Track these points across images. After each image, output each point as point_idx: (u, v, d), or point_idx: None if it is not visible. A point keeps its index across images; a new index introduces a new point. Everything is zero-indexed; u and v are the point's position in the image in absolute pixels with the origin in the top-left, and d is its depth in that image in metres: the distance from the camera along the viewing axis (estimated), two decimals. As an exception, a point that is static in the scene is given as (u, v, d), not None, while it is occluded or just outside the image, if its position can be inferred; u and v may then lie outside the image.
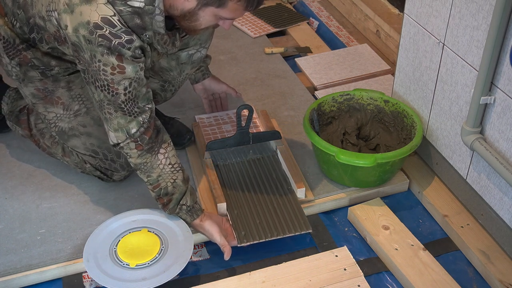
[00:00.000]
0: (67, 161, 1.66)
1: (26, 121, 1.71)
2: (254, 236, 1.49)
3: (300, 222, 1.52)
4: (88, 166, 1.63)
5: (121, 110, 1.38)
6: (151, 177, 1.45)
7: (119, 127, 1.40)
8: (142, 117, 1.40)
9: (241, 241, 1.48)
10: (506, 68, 1.31)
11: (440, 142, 1.64)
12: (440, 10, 1.51)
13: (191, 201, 1.48)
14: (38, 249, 1.50)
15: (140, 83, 1.37)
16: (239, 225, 1.52)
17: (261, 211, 1.57)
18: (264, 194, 1.62)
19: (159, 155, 1.44)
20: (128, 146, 1.41)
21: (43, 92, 1.59)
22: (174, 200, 1.46)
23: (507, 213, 1.41)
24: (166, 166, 1.45)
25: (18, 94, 1.78)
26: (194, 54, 1.66)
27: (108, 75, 1.32)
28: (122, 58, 1.31)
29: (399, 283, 1.44)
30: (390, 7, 2.45)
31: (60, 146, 1.66)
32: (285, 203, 1.59)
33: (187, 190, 1.48)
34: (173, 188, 1.45)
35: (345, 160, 1.53)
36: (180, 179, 1.46)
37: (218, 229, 1.47)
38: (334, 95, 1.77)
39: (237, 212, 1.56)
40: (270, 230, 1.50)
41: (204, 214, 1.49)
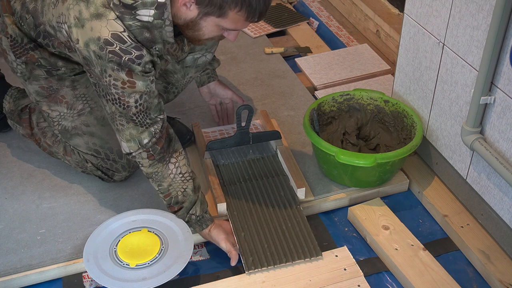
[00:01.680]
0: (68, 160, 1.67)
1: (27, 120, 1.71)
2: (262, 262, 1.44)
3: (310, 248, 1.47)
4: (90, 166, 1.64)
5: (132, 121, 1.38)
6: (162, 186, 1.46)
7: (131, 138, 1.40)
8: (154, 128, 1.40)
9: (249, 268, 1.42)
10: (506, 68, 1.31)
11: (440, 142, 1.64)
12: (440, 10, 1.51)
13: (201, 211, 1.48)
14: (38, 249, 1.50)
15: (151, 95, 1.38)
16: (247, 250, 1.47)
17: (270, 234, 1.51)
18: (272, 215, 1.57)
19: (169, 165, 1.45)
20: (140, 155, 1.42)
21: (48, 90, 1.59)
22: (184, 208, 1.47)
23: (507, 213, 1.41)
24: (177, 176, 1.45)
25: (21, 93, 1.78)
26: (199, 58, 1.66)
27: (119, 89, 1.33)
28: (132, 74, 1.32)
29: (399, 283, 1.44)
30: (390, 7, 2.45)
31: (62, 145, 1.66)
32: (294, 225, 1.53)
33: (198, 200, 1.48)
34: (183, 197, 1.46)
35: (345, 160, 1.53)
36: (190, 189, 1.46)
37: (224, 237, 1.47)
38: (334, 95, 1.77)
39: (245, 235, 1.51)
40: (279, 256, 1.45)
41: (213, 224, 1.49)
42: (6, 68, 2.15)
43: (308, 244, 1.48)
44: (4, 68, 2.08)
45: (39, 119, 1.70)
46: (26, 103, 1.74)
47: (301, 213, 1.56)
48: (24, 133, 1.73)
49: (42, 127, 1.69)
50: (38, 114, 1.71)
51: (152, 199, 1.64)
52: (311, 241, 1.49)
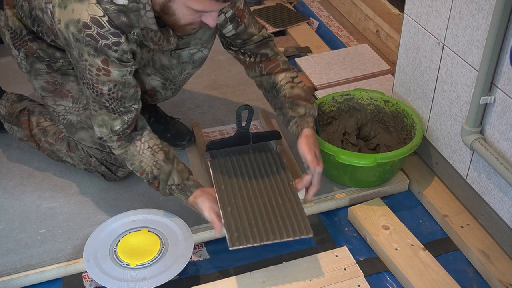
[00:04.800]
0: (72, 156, 1.67)
1: (27, 121, 1.71)
2: (248, 239, 1.37)
3: (300, 226, 1.40)
4: (94, 161, 1.64)
5: (105, 108, 1.40)
6: (135, 165, 1.46)
7: (103, 123, 1.42)
8: (127, 116, 1.42)
9: (232, 244, 1.35)
10: (506, 68, 1.31)
11: (440, 142, 1.64)
12: (440, 10, 1.51)
13: (180, 179, 1.45)
14: (38, 249, 1.50)
15: (127, 85, 1.38)
16: (232, 225, 1.40)
17: (258, 210, 1.44)
18: (262, 190, 1.50)
19: (136, 142, 1.45)
20: (110, 139, 1.45)
21: (53, 85, 1.60)
22: (161, 182, 1.45)
23: (507, 213, 1.41)
24: (145, 151, 1.45)
25: (17, 97, 1.79)
26: (196, 54, 1.65)
27: (94, 76, 1.34)
28: (108, 61, 1.32)
29: (399, 283, 1.44)
30: (390, 7, 2.45)
31: (65, 142, 1.66)
32: (285, 201, 1.47)
33: (173, 169, 1.45)
34: (158, 170, 1.44)
35: (345, 160, 1.53)
36: (161, 159, 1.45)
37: (208, 205, 1.42)
38: (334, 95, 1.78)
39: (231, 210, 1.44)
40: (267, 233, 1.38)
41: (199, 190, 1.45)
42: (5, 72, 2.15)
43: (299, 222, 1.40)
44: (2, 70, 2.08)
45: (39, 119, 1.70)
46: (24, 106, 1.75)
47: (293, 189, 1.49)
48: (23, 136, 1.73)
49: (43, 127, 1.69)
50: (38, 115, 1.71)
51: (152, 199, 1.64)
52: (302, 219, 1.41)
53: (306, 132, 1.52)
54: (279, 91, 1.60)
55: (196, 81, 2.15)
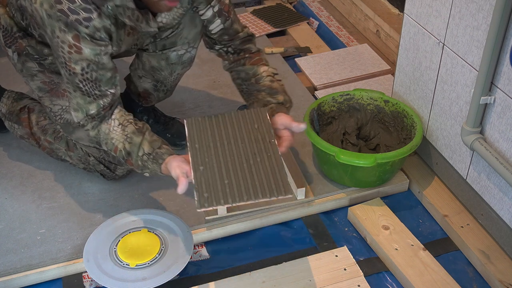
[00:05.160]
0: (71, 155, 1.67)
1: (27, 119, 1.71)
2: (218, 199, 1.25)
3: (278, 185, 1.26)
4: (92, 160, 1.64)
5: (80, 90, 1.39)
6: (108, 143, 1.45)
7: (78, 107, 1.42)
8: (103, 101, 1.41)
9: (201, 205, 1.23)
10: (506, 68, 1.31)
11: (440, 142, 1.64)
12: (440, 10, 1.51)
13: (150, 149, 1.40)
14: (38, 249, 1.50)
15: (101, 67, 1.38)
16: (203, 186, 1.28)
17: (233, 169, 1.32)
18: (240, 148, 1.37)
19: (108, 120, 1.45)
20: (86, 121, 1.44)
21: (49, 85, 1.61)
22: (133, 155, 1.41)
23: (507, 213, 1.41)
24: (116, 127, 1.44)
25: (18, 95, 1.80)
26: (184, 55, 1.65)
27: (66, 53, 1.34)
28: (78, 38, 1.32)
29: (399, 283, 1.44)
30: (390, 7, 2.45)
31: (64, 141, 1.66)
32: (264, 160, 1.33)
33: (143, 139, 1.41)
34: (129, 144, 1.42)
35: (345, 160, 1.53)
36: (131, 132, 1.43)
37: (176, 164, 1.34)
38: (334, 95, 1.78)
39: (203, 169, 1.31)
40: (240, 193, 1.25)
41: (171, 156, 1.38)
42: (5, 72, 2.15)
43: (277, 181, 1.28)
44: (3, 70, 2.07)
45: (39, 117, 1.70)
46: (24, 104, 1.75)
47: (274, 147, 1.37)
48: (23, 133, 1.73)
49: (42, 125, 1.69)
50: (38, 113, 1.71)
51: (152, 199, 1.64)
52: (281, 179, 1.29)
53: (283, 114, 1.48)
54: (258, 80, 1.58)
55: (196, 81, 2.15)
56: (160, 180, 1.70)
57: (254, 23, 2.57)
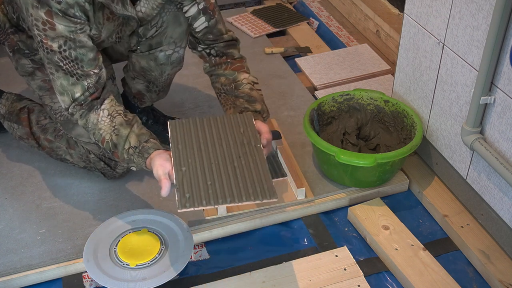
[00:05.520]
0: (71, 153, 1.67)
1: (27, 119, 1.72)
2: (200, 200, 1.23)
3: (263, 188, 1.25)
4: (92, 157, 1.64)
5: (61, 70, 1.38)
6: (96, 134, 1.43)
7: (63, 90, 1.40)
8: (87, 82, 1.40)
9: (182, 206, 1.22)
10: (506, 68, 1.31)
11: (440, 142, 1.64)
12: (440, 10, 1.51)
13: (136, 142, 1.39)
14: (38, 249, 1.50)
15: (79, 45, 1.37)
16: (184, 186, 1.26)
17: (217, 171, 1.30)
18: (225, 150, 1.36)
19: (96, 110, 1.43)
20: (74, 109, 1.43)
21: (49, 83, 1.61)
22: (120, 147, 1.40)
23: (507, 213, 1.41)
24: (105, 118, 1.42)
25: (17, 97, 1.81)
26: (172, 55, 1.65)
27: (41, 31, 1.34)
28: (51, 13, 1.32)
29: (399, 283, 1.44)
30: (390, 7, 2.45)
31: (65, 139, 1.67)
32: (249, 163, 1.32)
33: (130, 132, 1.40)
34: (116, 136, 1.41)
35: (345, 160, 1.53)
36: (118, 123, 1.41)
37: (159, 163, 1.33)
38: (334, 95, 1.78)
39: (186, 170, 1.30)
40: (223, 195, 1.24)
41: (156, 151, 1.37)
42: (5, 72, 2.15)
43: (262, 184, 1.27)
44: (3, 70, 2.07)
45: (39, 117, 1.71)
46: (24, 104, 1.76)
47: (260, 151, 1.36)
48: (22, 133, 1.73)
49: (42, 125, 1.70)
50: (38, 113, 1.72)
51: (152, 199, 1.64)
52: (266, 181, 1.27)
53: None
54: (238, 87, 1.58)
55: (196, 81, 2.15)
56: (160, 180, 1.70)
57: (254, 23, 2.58)
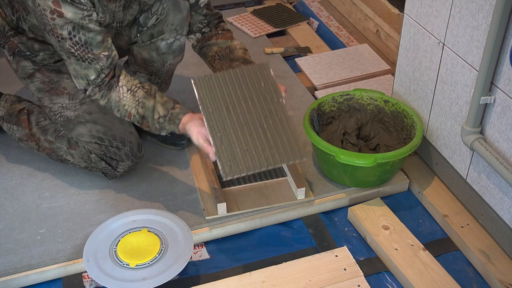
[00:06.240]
0: (73, 154, 1.66)
1: (26, 120, 1.72)
2: (241, 168, 1.33)
3: (293, 149, 1.35)
4: (94, 157, 1.63)
5: (73, 56, 1.42)
6: (120, 110, 1.50)
7: (77, 74, 1.46)
8: (99, 65, 1.44)
9: (226, 175, 1.32)
10: (506, 68, 1.31)
11: (440, 142, 1.64)
12: (440, 10, 1.51)
13: (165, 111, 1.47)
14: (38, 249, 1.50)
15: (88, 29, 1.40)
16: (224, 154, 1.35)
17: (249, 134, 1.37)
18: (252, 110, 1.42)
19: (116, 88, 1.48)
20: (93, 91, 1.49)
21: (49, 84, 1.62)
22: (149, 119, 1.48)
23: (507, 213, 1.41)
24: (126, 94, 1.48)
25: (17, 98, 1.80)
26: (174, 43, 1.67)
27: (49, 20, 1.37)
28: (58, 2, 1.34)
29: (399, 283, 1.44)
30: (390, 7, 2.45)
31: (66, 139, 1.67)
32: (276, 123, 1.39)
33: (155, 102, 1.48)
34: (142, 109, 1.48)
35: (345, 160, 1.53)
36: (141, 97, 1.48)
37: (196, 130, 1.42)
38: (334, 95, 1.78)
39: (221, 136, 1.37)
40: (260, 160, 1.34)
41: (187, 116, 1.46)
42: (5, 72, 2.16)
43: (292, 145, 1.37)
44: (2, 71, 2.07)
45: (39, 118, 1.71)
46: (23, 106, 1.75)
47: (283, 108, 1.43)
48: (22, 135, 1.73)
49: (42, 126, 1.70)
50: (37, 114, 1.72)
51: (152, 199, 1.64)
52: (295, 141, 1.38)
53: None
54: (232, 51, 1.65)
55: (196, 81, 2.15)
56: (160, 180, 1.70)
57: (254, 23, 2.58)
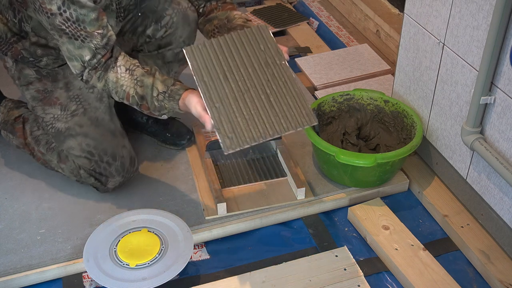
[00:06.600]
0: (63, 168, 1.64)
1: (21, 129, 1.70)
2: (244, 139, 1.19)
3: (302, 114, 1.21)
4: (83, 172, 1.60)
5: (64, 34, 1.36)
6: (119, 92, 1.42)
7: (71, 55, 1.38)
8: (93, 43, 1.37)
9: (227, 148, 1.19)
10: (506, 68, 1.31)
11: (440, 142, 1.64)
12: (440, 10, 1.51)
13: (164, 87, 1.38)
14: (38, 249, 1.50)
15: (79, 5, 1.33)
16: (223, 125, 1.21)
17: (251, 101, 1.24)
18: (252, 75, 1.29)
19: (113, 68, 1.41)
20: (89, 75, 1.41)
21: (43, 93, 1.60)
22: (148, 97, 1.40)
23: (507, 213, 1.41)
24: (124, 74, 1.41)
25: (15, 104, 1.79)
26: (180, 53, 1.65)
27: None
28: None
29: (399, 283, 1.44)
30: (390, 7, 2.45)
31: (56, 152, 1.64)
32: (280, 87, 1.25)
33: (155, 79, 1.40)
34: (141, 88, 1.40)
35: (345, 160, 1.53)
36: (140, 75, 1.40)
37: (196, 100, 1.32)
38: (334, 95, 1.78)
39: (220, 106, 1.24)
40: (264, 129, 1.20)
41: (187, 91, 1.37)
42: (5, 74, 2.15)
43: (299, 109, 1.23)
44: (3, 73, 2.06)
45: (33, 127, 1.69)
46: (19, 113, 1.74)
47: (286, 70, 1.29)
48: (18, 143, 1.72)
49: (35, 136, 1.68)
50: (32, 122, 1.70)
51: (152, 199, 1.64)
52: (302, 105, 1.23)
53: None
54: (230, 21, 1.57)
55: (196, 81, 2.15)
56: (160, 180, 1.70)
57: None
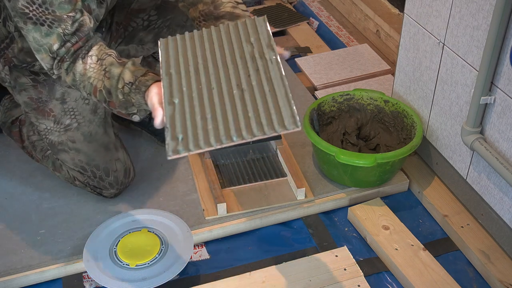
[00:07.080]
0: (58, 176, 1.64)
1: (18, 133, 1.69)
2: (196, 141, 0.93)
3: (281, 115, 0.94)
4: (78, 183, 1.60)
5: (28, 19, 1.18)
6: (86, 86, 1.22)
7: (38, 45, 1.20)
8: (61, 28, 1.19)
9: (172, 151, 0.94)
10: (506, 68, 1.31)
11: (440, 142, 1.64)
12: (440, 10, 1.51)
13: (131, 78, 1.16)
14: (38, 249, 1.50)
15: None
16: (176, 125, 0.97)
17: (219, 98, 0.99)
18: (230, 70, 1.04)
19: (85, 58, 1.22)
20: (58, 67, 1.23)
21: (36, 102, 1.54)
22: (113, 90, 1.18)
23: (507, 213, 1.41)
24: (94, 64, 1.21)
25: (12, 103, 1.76)
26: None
27: None
28: None
29: (399, 283, 1.44)
30: (390, 7, 2.45)
31: (51, 160, 1.64)
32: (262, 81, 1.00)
33: (124, 69, 1.19)
34: (108, 80, 1.19)
35: (345, 160, 1.53)
36: (109, 63, 1.20)
37: (155, 91, 1.11)
38: (334, 95, 1.78)
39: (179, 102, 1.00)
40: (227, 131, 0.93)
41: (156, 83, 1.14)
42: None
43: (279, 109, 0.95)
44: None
45: (29, 132, 1.68)
46: (17, 114, 1.73)
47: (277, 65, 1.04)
48: (17, 146, 1.72)
49: (32, 141, 1.67)
50: (28, 126, 1.68)
51: (152, 199, 1.64)
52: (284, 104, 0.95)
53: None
54: (218, 7, 1.35)
55: (196, 81, 2.15)
56: (160, 180, 1.70)
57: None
